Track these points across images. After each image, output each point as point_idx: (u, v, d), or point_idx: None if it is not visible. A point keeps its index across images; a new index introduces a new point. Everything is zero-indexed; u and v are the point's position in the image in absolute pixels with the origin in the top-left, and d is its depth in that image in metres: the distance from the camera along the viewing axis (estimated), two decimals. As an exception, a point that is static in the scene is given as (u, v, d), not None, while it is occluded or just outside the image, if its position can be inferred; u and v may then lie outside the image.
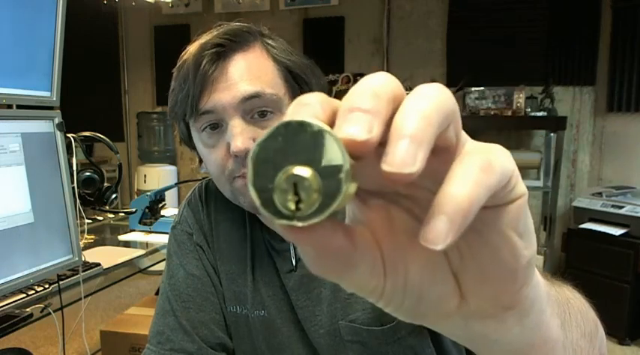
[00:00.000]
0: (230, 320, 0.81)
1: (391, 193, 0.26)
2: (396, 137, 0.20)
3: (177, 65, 0.74)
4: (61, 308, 1.34)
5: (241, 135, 0.66)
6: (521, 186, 0.24)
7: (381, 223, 0.26)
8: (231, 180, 0.70)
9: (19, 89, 1.28)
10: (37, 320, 1.31)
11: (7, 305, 1.28)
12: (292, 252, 0.76)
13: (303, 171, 0.20)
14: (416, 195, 0.25)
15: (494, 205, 0.23)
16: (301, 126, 0.20)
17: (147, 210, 2.11)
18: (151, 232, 2.08)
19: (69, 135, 1.48)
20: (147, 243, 2.01)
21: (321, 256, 0.23)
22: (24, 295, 1.33)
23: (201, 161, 0.76)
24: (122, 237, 2.08)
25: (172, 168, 4.72)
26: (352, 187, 0.21)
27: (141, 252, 1.90)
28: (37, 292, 1.35)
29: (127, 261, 1.77)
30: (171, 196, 3.76)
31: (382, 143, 0.20)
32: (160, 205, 2.17)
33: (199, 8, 4.62)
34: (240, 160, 0.67)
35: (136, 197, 2.49)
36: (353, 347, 0.71)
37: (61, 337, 1.37)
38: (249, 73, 0.69)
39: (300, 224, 0.20)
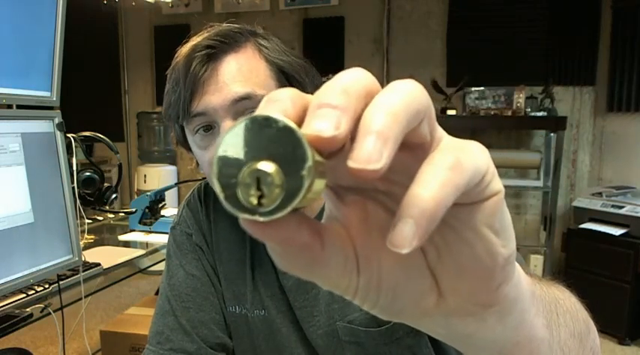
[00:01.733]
0: (230, 320, 0.81)
1: (368, 189, 0.26)
2: (363, 133, 0.20)
3: (171, 67, 0.74)
4: (61, 308, 1.34)
5: None
6: (496, 184, 0.24)
7: (357, 220, 0.26)
8: None
9: (19, 89, 1.28)
10: (37, 320, 1.31)
11: (7, 305, 1.28)
12: None
13: (266, 166, 0.20)
14: (392, 191, 0.25)
15: (468, 202, 0.23)
16: (267, 121, 0.20)
17: (147, 210, 2.11)
18: (150, 232, 2.08)
19: (69, 135, 1.48)
20: (147, 243, 2.01)
21: (286, 252, 0.22)
22: (24, 295, 1.32)
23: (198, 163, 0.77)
24: (122, 237, 2.08)
25: (172, 168, 4.72)
26: (319, 184, 0.21)
27: (141, 252, 1.90)
28: (37, 292, 1.35)
29: (127, 261, 1.77)
30: (171, 196, 3.76)
31: (354, 138, 0.20)
32: (160, 205, 2.17)
33: (199, 8, 4.63)
34: None
35: (136, 197, 2.49)
36: (351, 347, 0.71)
37: (61, 337, 1.37)
38: (240, 74, 0.68)
39: (261, 219, 0.20)
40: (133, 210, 2.10)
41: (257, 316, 0.78)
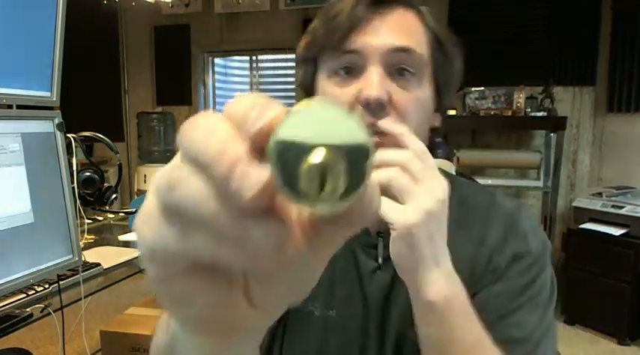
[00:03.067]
0: (291, 317, 0.75)
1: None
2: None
3: (329, 2, 0.69)
4: (61, 308, 1.34)
5: (379, 84, 0.63)
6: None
7: None
8: None
9: (19, 89, 1.28)
10: (37, 320, 1.31)
11: (7, 305, 1.28)
12: (380, 248, 0.72)
13: (331, 155, 0.19)
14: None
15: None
16: (330, 109, 0.20)
17: (147, 210, 2.11)
18: (151, 232, 2.08)
19: (69, 135, 1.47)
20: (147, 243, 2.01)
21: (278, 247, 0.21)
22: (24, 295, 1.32)
23: None
24: (122, 237, 2.08)
25: (172, 168, 4.72)
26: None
27: (141, 252, 1.89)
28: (37, 292, 1.35)
29: (127, 261, 1.77)
30: (171, 196, 3.76)
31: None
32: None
33: (199, 8, 4.62)
34: (371, 112, 0.63)
35: (136, 197, 2.49)
36: None
37: (61, 337, 1.37)
38: (405, 27, 0.66)
39: (322, 208, 0.20)
40: (133, 210, 2.10)
41: (325, 316, 0.73)
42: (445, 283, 0.55)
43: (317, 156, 0.19)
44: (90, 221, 1.96)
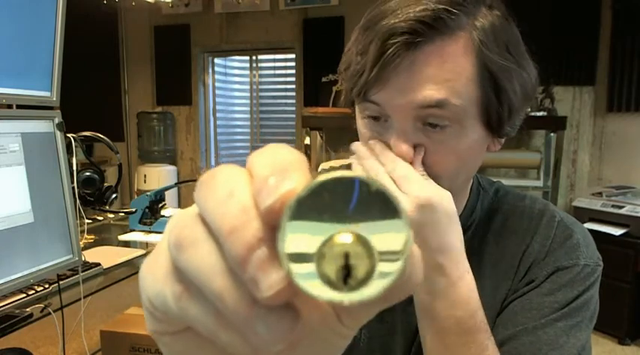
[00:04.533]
0: None
1: None
2: None
3: (366, 20, 0.58)
4: (61, 308, 1.34)
5: (405, 143, 0.57)
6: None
7: None
8: None
9: (19, 89, 1.28)
10: (37, 320, 1.31)
11: (7, 305, 1.28)
12: None
13: (355, 239, 0.16)
14: None
15: None
16: (354, 183, 0.17)
17: (147, 210, 2.11)
18: (151, 232, 2.08)
19: (69, 135, 1.47)
20: (147, 243, 2.01)
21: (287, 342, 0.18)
22: (24, 295, 1.32)
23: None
24: (122, 237, 2.08)
25: (172, 168, 4.73)
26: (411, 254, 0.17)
27: (141, 252, 1.90)
28: (37, 292, 1.35)
29: (127, 261, 1.77)
30: (171, 196, 3.76)
31: None
32: (160, 205, 2.17)
33: (199, 8, 4.62)
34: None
35: (135, 197, 2.49)
36: None
37: (61, 337, 1.37)
38: (440, 73, 0.55)
39: (349, 302, 0.17)
40: (133, 210, 2.10)
41: (353, 338, 0.70)
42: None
43: (339, 240, 0.16)
44: (90, 221, 1.96)
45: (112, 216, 2.32)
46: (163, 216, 2.14)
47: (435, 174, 0.57)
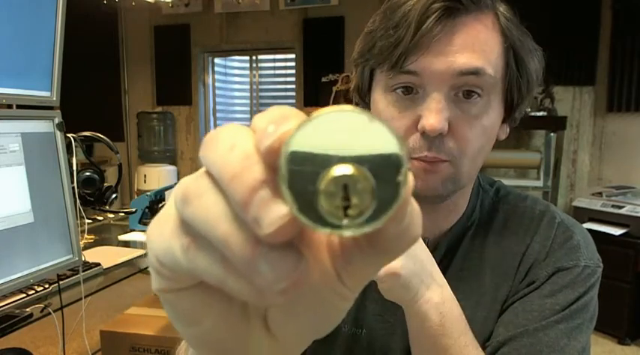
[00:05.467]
0: None
1: None
2: None
3: (391, 3, 0.60)
4: (61, 308, 1.34)
5: (440, 114, 0.56)
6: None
7: None
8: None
9: (19, 89, 1.28)
10: (37, 320, 1.31)
11: (7, 305, 1.28)
12: None
13: (356, 170, 0.17)
14: None
15: None
16: (355, 116, 0.17)
17: (147, 210, 2.11)
18: (151, 232, 2.08)
19: (69, 135, 1.47)
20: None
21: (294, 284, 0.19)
22: (24, 295, 1.32)
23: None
24: (122, 237, 2.08)
25: (172, 168, 4.73)
26: (409, 190, 0.17)
27: (141, 252, 1.90)
28: (37, 292, 1.35)
29: (127, 261, 1.77)
30: (171, 196, 3.76)
31: None
32: (160, 205, 2.17)
33: (199, 8, 4.62)
34: (428, 140, 0.57)
35: (135, 197, 2.49)
36: None
37: (61, 337, 1.37)
38: (476, 43, 0.57)
39: (349, 233, 0.17)
40: (133, 210, 2.10)
41: (354, 334, 0.70)
42: (439, 298, 0.55)
43: (338, 171, 0.17)
44: (90, 221, 1.96)
45: (112, 216, 2.32)
46: (163, 216, 2.14)
47: (460, 151, 0.58)
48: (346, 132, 0.17)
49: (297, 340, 0.25)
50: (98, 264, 1.62)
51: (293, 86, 4.64)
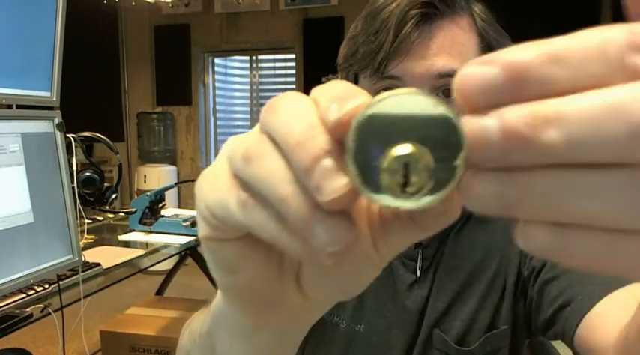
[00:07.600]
0: (314, 325, 0.73)
1: None
2: None
3: (372, 9, 0.63)
4: (61, 308, 1.34)
5: None
6: None
7: None
8: None
9: (19, 89, 1.28)
10: (37, 320, 1.31)
11: (7, 305, 1.28)
12: (419, 260, 0.70)
13: (417, 150, 0.18)
14: None
15: None
16: (421, 99, 0.18)
17: (147, 210, 2.11)
18: (151, 232, 2.08)
19: (69, 135, 1.48)
20: (147, 243, 2.00)
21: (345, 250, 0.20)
22: (24, 295, 1.32)
23: None
24: (122, 237, 2.08)
25: (172, 168, 4.73)
26: (463, 174, 0.18)
27: (141, 252, 1.90)
28: (37, 292, 1.35)
29: (127, 261, 1.77)
30: (171, 196, 3.76)
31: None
32: (160, 205, 2.17)
33: (199, 8, 4.62)
34: None
35: (135, 197, 2.49)
36: None
37: (61, 337, 1.37)
38: (453, 46, 0.60)
39: (405, 208, 0.18)
40: (133, 210, 2.10)
41: (352, 330, 0.71)
42: None
43: (402, 149, 0.18)
44: (90, 221, 1.97)
45: (112, 216, 2.32)
46: (163, 216, 2.14)
47: None
48: (413, 114, 0.18)
49: (325, 299, 0.27)
50: (98, 264, 1.62)
51: (293, 86, 4.64)
